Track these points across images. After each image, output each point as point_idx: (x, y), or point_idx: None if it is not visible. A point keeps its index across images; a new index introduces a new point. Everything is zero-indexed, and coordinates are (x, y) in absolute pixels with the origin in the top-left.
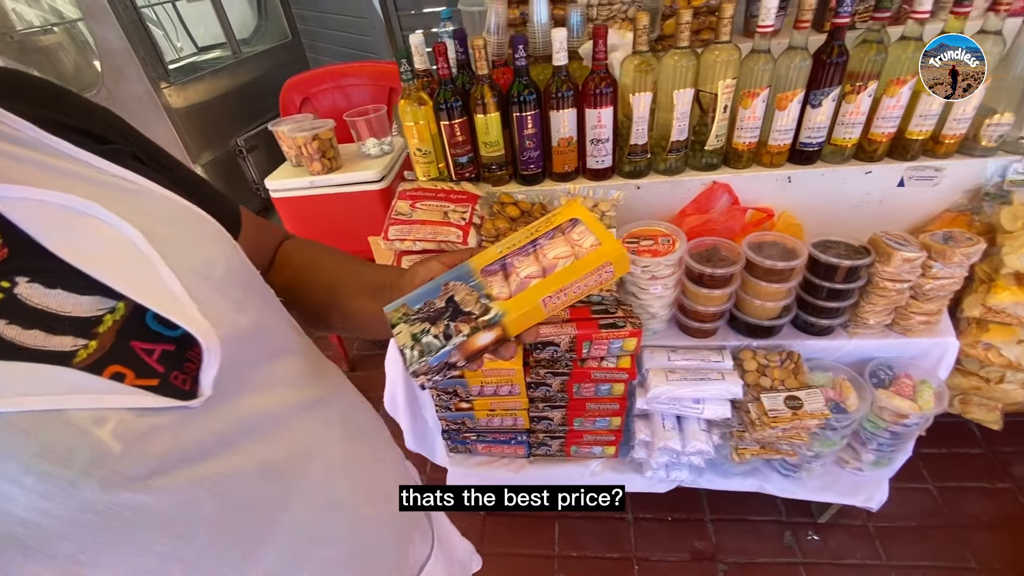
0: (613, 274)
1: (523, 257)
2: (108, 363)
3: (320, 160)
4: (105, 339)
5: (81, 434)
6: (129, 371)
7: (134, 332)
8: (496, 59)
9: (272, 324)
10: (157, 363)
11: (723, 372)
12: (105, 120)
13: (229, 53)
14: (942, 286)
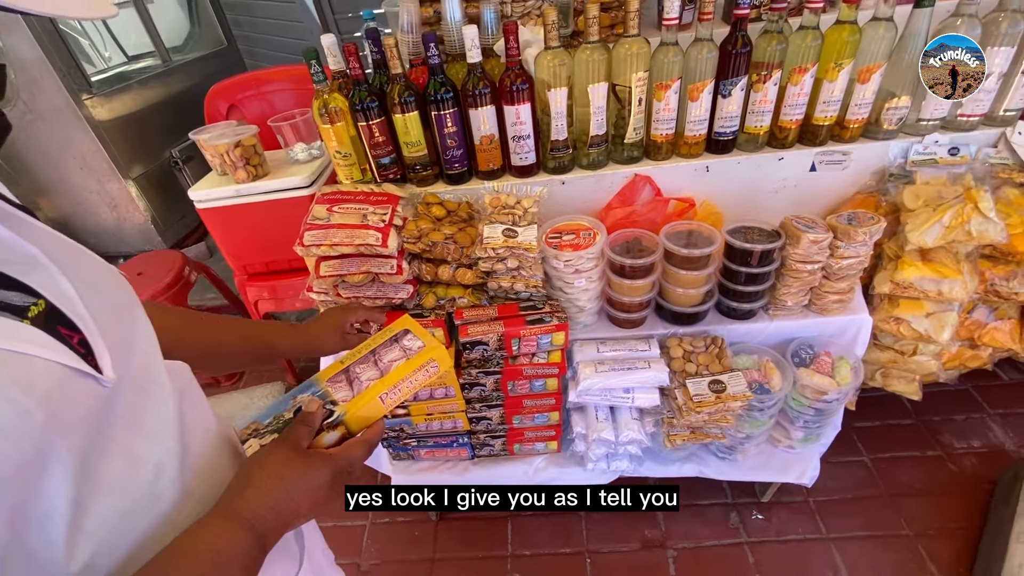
0: (439, 368)
1: (364, 364)
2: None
3: (244, 168)
4: (38, 321)
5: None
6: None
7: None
8: (413, 58)
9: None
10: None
11: (649, 360)
12: None
13: (159, 62)
14: (850, 265)
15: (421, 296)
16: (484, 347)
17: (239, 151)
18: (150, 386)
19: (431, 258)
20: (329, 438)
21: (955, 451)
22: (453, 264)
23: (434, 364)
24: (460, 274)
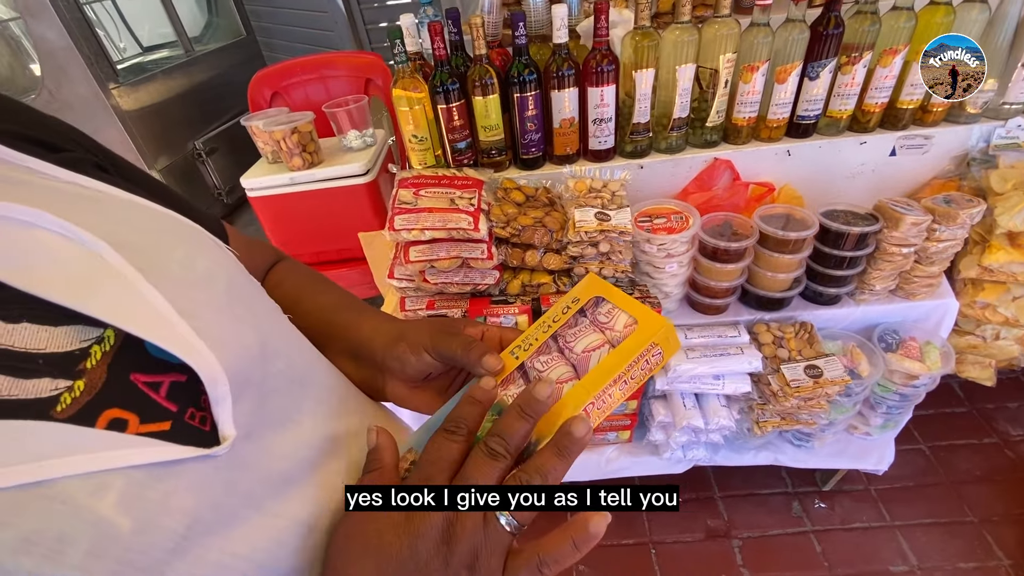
0: (663, 357)
1: (546, 358)
2: (102, 407)
3: (300, 155)
4: (95, 376)
5: (75, 513)
6: (131, 415)
7: (133, 363)
8: (491, 40)
9: (287, 345)
10: (167, 400)
11: (741, 347)
12: (55, 129)
13: (181, 52)
14: (945, 248)
15: (506, 283)
16: None
17: (295, 138)
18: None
19: (518, 243)
20: None
21: (1012, 438)
22: (541, 249)
23: (658, 351)
24: (547, 259)
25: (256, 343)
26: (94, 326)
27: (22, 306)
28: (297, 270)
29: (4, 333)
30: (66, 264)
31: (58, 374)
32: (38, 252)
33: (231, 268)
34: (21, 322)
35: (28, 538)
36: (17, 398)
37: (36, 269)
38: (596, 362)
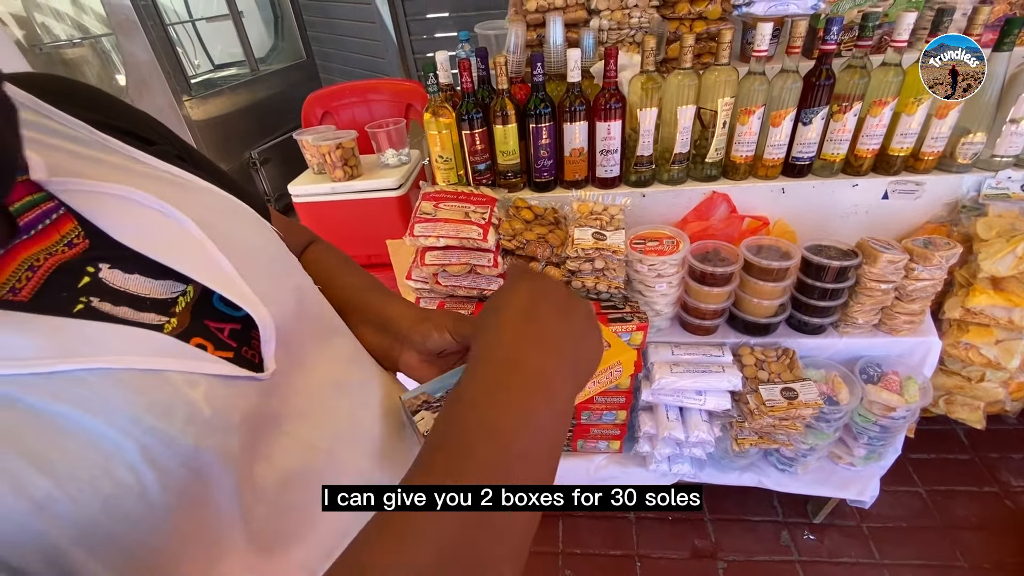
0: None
1: None
2: (190, 336)
3: (342, 168)
4: (183, 317)
5: (177, 394)
6: (208, 343)
7: (205, 312)
8: (513, 76)
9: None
10: (229, 339)
11: (723, 365)
12: (148, 124)
13: (247, 70)
14: (924, 288)
15: None
16: None
17: (339, 152)
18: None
19: (523, 255)
20: None
21: (1013, 489)
22: (542, 262)
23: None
24: (547, 271)
25: (292, 302)
26: (181, 282)
27: (135, 263)
28: (330, 252)
29: (124, 280)
30: (164, 234)
31: (160, 312)
32: (147, 224)
33: (274, 243)
34: (134, 274)
35: (152, 403)
36: (138, 320)
37: (145, 236)
38: None
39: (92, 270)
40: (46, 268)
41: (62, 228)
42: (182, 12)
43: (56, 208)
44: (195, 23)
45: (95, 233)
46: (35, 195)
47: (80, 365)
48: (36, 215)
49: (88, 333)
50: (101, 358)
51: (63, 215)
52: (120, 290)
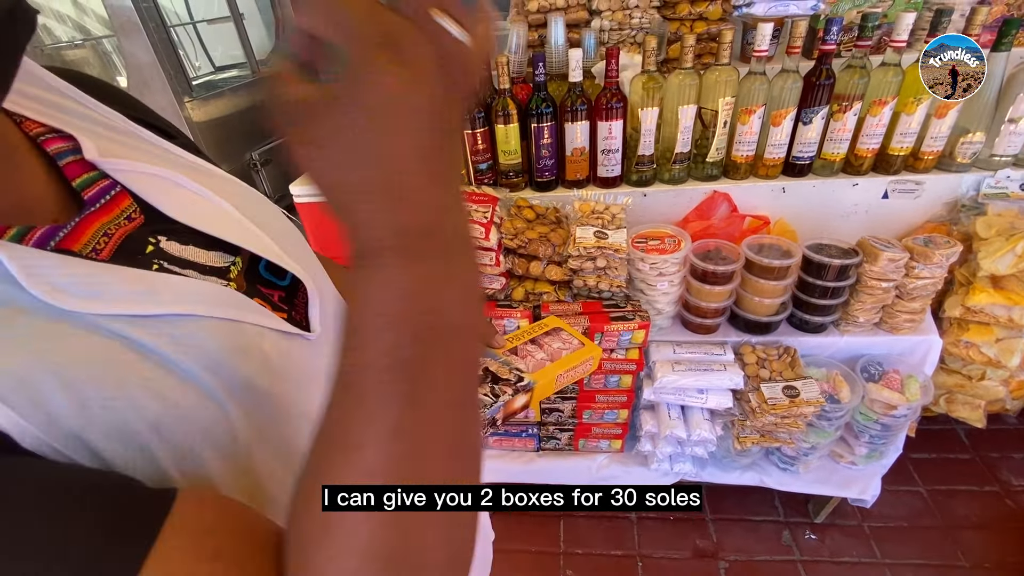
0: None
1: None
2: (251, 297)
3: None
4: (239, 282)
5: (251, 341)
6: (265, 304)
7: (256, 279)
8: (515, 76)
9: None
10: (280, 303)
11: (725, 364)
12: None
13: (248, 72)
14: (924, 286)
15: (511, 289)
16: None
17: None
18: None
19: (524, 254)
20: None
21: (1014, 488)
22: (544, 260)
23: (590, 360)
24: (549, 270)
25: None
26: (230, 253)
27: (188, 235)
28: None
29: (182, 251)
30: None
31: (220, 277)
32: (191, 203)
33: (292, 227)
34: (189, 246)
35: (234, 348)
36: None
37: (193, 213)
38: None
39: (155, 240)
40: (118, 236)
41: (121, 203)
42: (183, 14)
43: (113, 185)
44: (196, 25)
45: (148, 209)
46: (91, 173)
47: (171, 311)
48: (97, 191)
49: (173, 283)
50: (188, 306)
51: (120, 192)
52: (182, 258)
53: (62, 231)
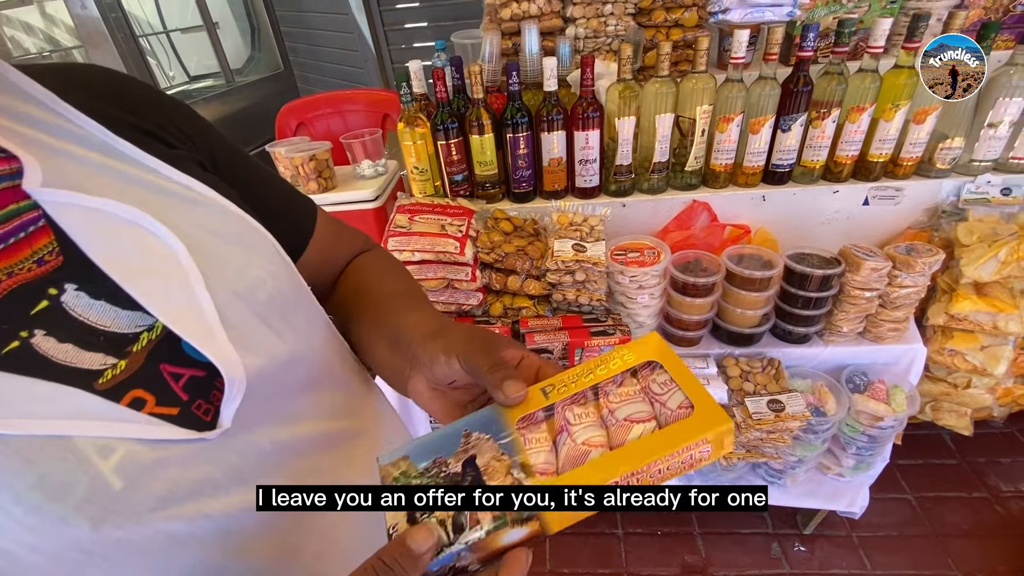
0: (710, 455)
1: (580, 410)
2: (131, 387)
3: (316, 180)
4: (135, 359)
5: (81, 466)
6: (150, 396)
7: (167, 355)
8: (489, 85)
9: (313, 353)
10: (182, 390)
11: (707, 377)
12: (177, 123)
13: (222, 82)
14: (907, 295)
15: (488, 304)
16: (548, 355)
17: (313, 164)
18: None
19: (502, 268)
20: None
21: (1002, 494)
22: (522, 275)
23: (707, 448)
24: (527, 284)
25: (283, 352)
26: (150, 316)
27: (105, 287)
28: (379, 258)
29: (87, 308)
30: (149, 261)
31: (111, 351)
32: (132, 248)
33: (281, 278)
34: (100, 300)
35: (43, 476)
36: (74, 366)
37: (126, 261)
38: (636, 436)
39: (55, 292)
40: (2, 289)
41: (35, 242)
42: (156, 23)
43: (35, 220)
44: (169, 34)
45: (72, 250)
46: (20, 203)
47: None
48: (13, 227)
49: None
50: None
51: (40, 228)
52: (78, 319)
53: None
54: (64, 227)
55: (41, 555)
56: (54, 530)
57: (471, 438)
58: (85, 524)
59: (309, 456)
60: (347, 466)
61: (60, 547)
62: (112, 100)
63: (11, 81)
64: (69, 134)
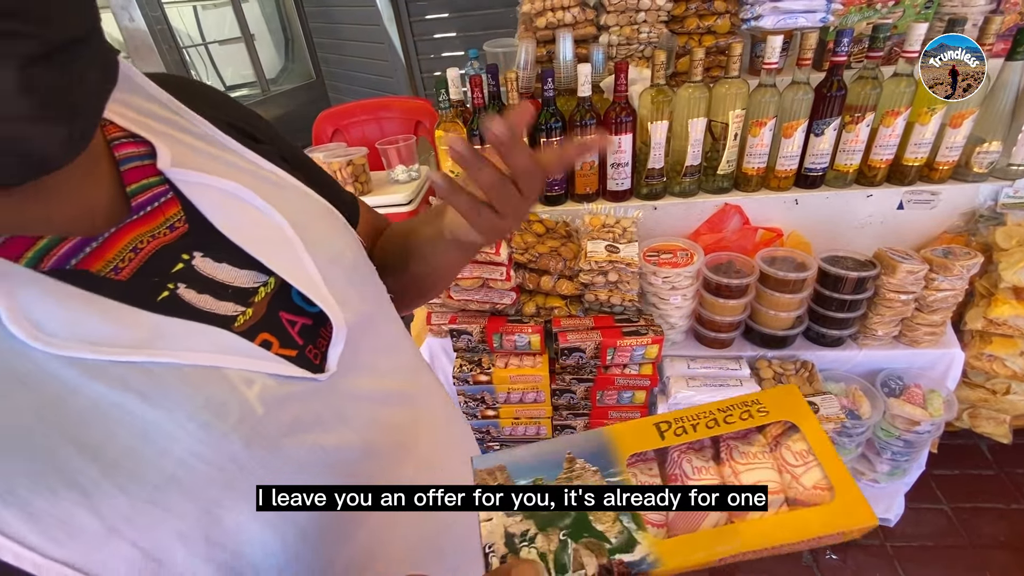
0: (838, 540)
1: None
2: (260, 330)
3: (353, 184)
4: (259, 308)
5: (233, 392)
6: (275, 339)
7: (282, 304)
8: (523, 91)
9: (383, 317)
10: (298, 335)
11: (741, 379)
12: (255, 123)
13: (258, 91)
14: (944, 298)
15: (521, 304)
16: (580, 354)
17: (350, 169)
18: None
19: (535, 268)
20: None
21: None
22: (555, 275)
23: (839, 536)
24: (560, 284)
25: (366, 309)
26: (264, 274)
27: (225, 251)
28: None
29: (213, 268)
30: (259, 229)
31: (239, 302)
32: (245, 218)
33: (356, 250)
34: (222, 263)
35: (208, 398)
36: (214, 312)
37: (241, 229)
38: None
39: (187, 257)
40: (147, 251)
41: (167, 212)
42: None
43: (165, 192)
44: (208, 46)
45: (197, 219)
46: (150, 179)
47: (149, 358)
48: (147, 197)
49: (163, 327)
50: (169, 352)
51: (169, 199)
52: (208, 277)
53: (90, 245)
54: (192, 200)
55: (207, 465)
56: (217, 444)
57: (575, 465)
58: (239, 441)
59: (391, 407)
60: (415, 422)
61: (221, 459)
62: (209, 103)
63: (138, 84)
64: (184, 128)
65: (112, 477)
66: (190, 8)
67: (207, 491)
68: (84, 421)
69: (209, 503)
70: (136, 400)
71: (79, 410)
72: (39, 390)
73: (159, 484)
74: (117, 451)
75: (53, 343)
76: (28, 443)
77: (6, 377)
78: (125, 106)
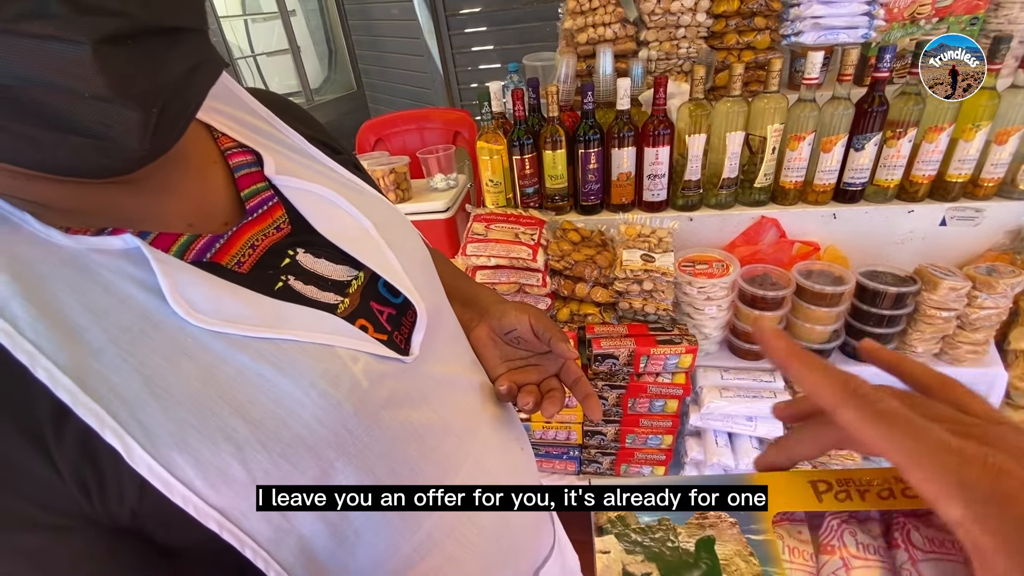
0: None
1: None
2: (357, 316)
3: (395, 191)
4: (354, 298)
5: (344, 367)
6: (370, 325)
7: (372, 295)
8: (563, 104)
9: (448, 310)
10: (386, 322)
11: (775, 391)
12: (334, 138)
13: (303, 100)
14: (988, 316)
15: (556, 310)
16: (613, 361)
17: (392, 176)
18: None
19: (570, 275)
20: None
21: None
22: (590, 282)
23: None
24: (595, 292)
25: (437, 302)
26: (355, 268)
27: (322, 248)
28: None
29: (313, 263)
30: (349, 229)
31: (338, 292)
32: (337, 220)
33: (424, 248)
34: (321, 258)
35: (326, 370)
36: (319, 300)
37: (335, 229)
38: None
39: (292, 253)
40: (262, 248)
41: (274, 214)
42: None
43: (272, 197)
44: (256, 58)
45: (298, 221)
46: (258, 184)
47: (278, 335)
48: (258, 201)
49: (283, 311)
50: (292, 331)
51: (275, 203)
52: (310, 271)
53: (219, 242)
54: (294, 203)
55: (326, 428)
56: (333, 410)
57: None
58: (351, 408)
59: (461, 391)
60: (481, 410)
61: (336, 424)
62: (298, 118)
63: (240, 98)
64: (280, 140)
65: (256, 434)
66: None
67: (326, 452)
68: (234, 386)
69: (326, 464)
70: (271, 370)
71: (229, 376)
72: (198, 359)
73: (290, 442)
74: (260, 412)
75: (204, 320)
76: (196, 402)
77: (174, 348)
78: (234, 120)
